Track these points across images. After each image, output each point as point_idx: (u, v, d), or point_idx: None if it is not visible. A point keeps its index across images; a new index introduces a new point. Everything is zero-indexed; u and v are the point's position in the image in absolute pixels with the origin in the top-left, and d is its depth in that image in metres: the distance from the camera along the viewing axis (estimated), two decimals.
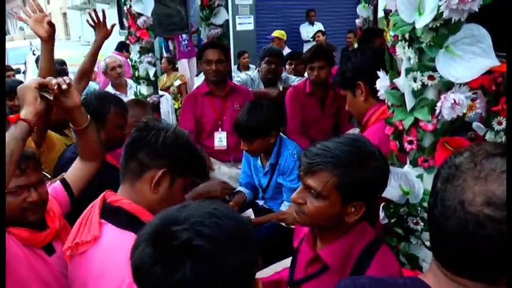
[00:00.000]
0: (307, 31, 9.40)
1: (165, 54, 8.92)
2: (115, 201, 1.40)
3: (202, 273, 0.79)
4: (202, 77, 3.87)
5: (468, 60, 1.29)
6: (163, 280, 0.80)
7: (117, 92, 4.34)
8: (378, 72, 1.62)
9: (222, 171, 3.26)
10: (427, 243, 1.52)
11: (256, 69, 4.36)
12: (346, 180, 1.30)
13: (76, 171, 1.85)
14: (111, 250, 1.30)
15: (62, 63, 5.49)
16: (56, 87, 1.49)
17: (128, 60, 5.23)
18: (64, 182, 1.81)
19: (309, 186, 1.36)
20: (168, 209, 0.90)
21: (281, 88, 3.90)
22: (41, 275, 1.59)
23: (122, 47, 7.31)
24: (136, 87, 3.70)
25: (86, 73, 2.89)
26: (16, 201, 1.55)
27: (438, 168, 0.91)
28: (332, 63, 3.49)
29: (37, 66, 5.97)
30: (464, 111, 1.35)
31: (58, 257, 1.66)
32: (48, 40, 2.38)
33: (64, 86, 1.50)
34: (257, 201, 2.89)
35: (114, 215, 1.38)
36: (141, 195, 1.40)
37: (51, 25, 2.36)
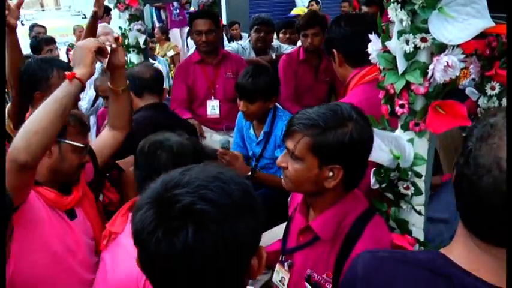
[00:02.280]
0: (302, 0, 9.25)
1: (157, 24, 8.77)
2: None
3: (205, 239, 0.76)
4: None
5: (462, 21, 1.26)
6: (165, 245, 0.76)
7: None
8: (354, 39, 1.85)
9: (214, 139, 3.25)
10: (417, 208, 1.52)
11: (248, 38, 4.32)
12: (319, 141, 1.33)
13: (103, 140, 1.89)
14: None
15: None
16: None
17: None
18: (90, 150, 1.80)
19: (287, 148, 1.40)
20: (170, 172, 0.86)
21: (273, 56, 3.87)
22: (62, 237, 1.61)
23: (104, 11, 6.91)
24: (126, 55, 3.64)
25: None
26: (78, 159, 1.65)
27: (470, 127, 0.87)
28: (324, 31, 3.47)
29: (29, 34, 5.85)
30: (457, 74, 1.32)
31: (79, 222, 1.70)
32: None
33: (114, 45, 1.56)
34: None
35: None
36: None
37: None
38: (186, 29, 6.21)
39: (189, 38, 5.97)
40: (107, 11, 6.39)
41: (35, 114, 1.36)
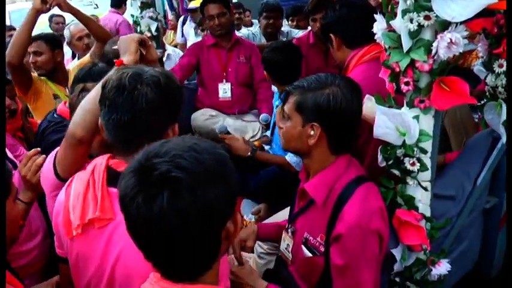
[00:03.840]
0: None
1: (169, 12, 8.76)
2: None
3: (179, 204, 0.83)
4: None
5: None
6: (144, 210, 0.84)
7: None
8: (350, 21, 1.96)
9: (227, 123, 3.29)
10: (423, 184, 1.55)
11: (258, 24, 4.35)
12: (301, 100, 1.51)
13: None
14: None
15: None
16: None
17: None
18: None
19: (283, 111, 1.57)
20: (152, 144, 0.93)
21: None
22: None
23: (120, 2, 6.65)
24: None
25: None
26: None
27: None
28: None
29: (50, 24, 5.92)
30: (461, 51, 1.34)
31: None
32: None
33: (149, 43, 1.65)
34: (265, 146, 2.94)
35: None
36: None
37: None
38: (181, 17, 6.25)
39: (184, 25, 6.02)
40: (123, 1, 6.43)
41: (90, 95, 1.45)
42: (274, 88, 3.10)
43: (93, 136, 1.46)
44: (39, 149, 1.84)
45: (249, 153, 2.57)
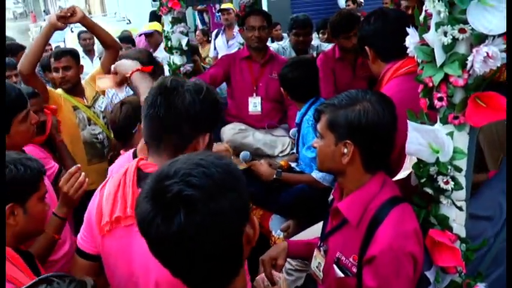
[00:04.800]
0: None
1: (200, 27, 8.90)
2: None
3: (196, 219, 0.86)
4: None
5: (502, 10, 1.23)
6: (163, 230, 0.88)
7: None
8: (385, 34, 1.94)
9: (256, 138, 3.28)
10: (458, 204, 1.49)
11: (287, 38, 4.36)
12: (332, 118, 1.51)
13: None
14: None
15: None
16: None
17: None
18: None
19: (317, 130, 1.57)
20: (161, 167, 0.97)
21: (314, 55, 3.88)
22: None
23: (155, 18, 6.81)
24: (169, 57, 3.74)
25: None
26: None
27: None
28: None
29: (79, 41, 6.24)
30: (498, 65, 1.29)
31: None
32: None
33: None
34: (291, 164, 2.91)
35: None
36: None
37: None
38: (215, 31, 6.35)
39: (216, 39, 6.10)
40: (158, 18, 6.61)
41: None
42: None
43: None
44: (79, 165, 1.91)
45: (275, 176, 2.61)
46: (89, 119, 3.27)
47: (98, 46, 4.13)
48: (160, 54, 4.72)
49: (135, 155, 1.81)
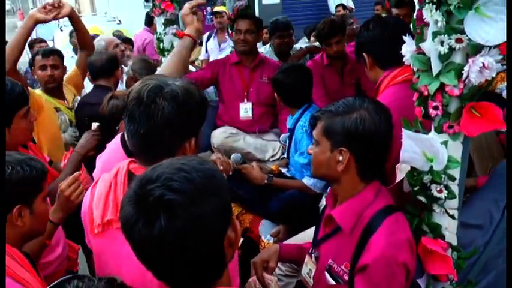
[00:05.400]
0: (334, 3, 9.20)
1: None
2: None
3: (177, 223, 0.88)
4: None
5: (499, 21, 1.24)
6: (145, 233, 0.89)
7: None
8: (383, 42, 1.92)
9: (247, 142, 3.28)
10: (451, 212, 1.50)
11: (269, 44, 4.35)
12: (328, 124, 1.50)
13: None
14: None
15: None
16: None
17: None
18: None
19: (313, 137, 1.57)
20: (144, 171, 0.98)
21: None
22: None
23: (151, 21, 6.79)
24: (161, 59, 3.72)
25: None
26: None
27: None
28: (344, 35, 3.58)
29: (70, 39, 6.15)
30: (494, 75, 1.30)
31: None
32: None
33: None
34: (282, 169, 2.91)
35: None
36: None
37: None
38: (207, 34, 6.34)
39: (208, 42, 6.09)
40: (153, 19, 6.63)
41: (167, 63, 2.02)
42: None
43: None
44: (81, 171, 1.94)
45: (266, 181, 2.62)
46: (71, 121, 3.22)
47: None
48: None
49: (123, 141, 1.73)
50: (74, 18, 3.14)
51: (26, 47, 3.25)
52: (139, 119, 1.28)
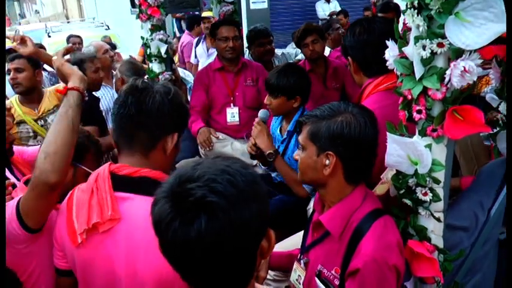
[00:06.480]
0: (323, 9, 9.26)
1: (178, 34, 8.87)
2: (134, 172, 1.38)
3: (216, 226, 0.84)
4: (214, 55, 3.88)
5: (479, 26, 1.26)
6: (181, 234, 0.85)
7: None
8: (367, 50, 1.90)
9: (235, 148, 3.28)
10: (436, 215, 1.51)
11: (248, 52, 4.32)
12: (314, 129, 1.50)
13: None
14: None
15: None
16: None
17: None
18: None
19: (299, 141, 1.57)
20: (183, 167, 0.94)
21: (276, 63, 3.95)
22: None
23: (191, 24, 7.07)
24: (148, 64, 3.71)
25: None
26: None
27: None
28: (323, 37, 3.55)
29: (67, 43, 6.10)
30: (475, 79, 1.31)
31: None
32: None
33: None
34: (272, 173, 2.89)
35: (139, 185, 1.36)
36: (157, 162, 1.42)
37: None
38: (195, 39, 6.36)
39: (197, 47, 6.10)
40: (197, 21, 6.66)
41: (49, 136, 1.45)
42: None
43: (64, 178, 1.46)
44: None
45: (271, 152, 2.46)
46: (36, 132, 3.10)
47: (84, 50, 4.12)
48: None
49: None
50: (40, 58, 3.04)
51: None
52: (131, 103, 1.38)
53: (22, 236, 1.46)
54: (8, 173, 2.13)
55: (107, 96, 3.98)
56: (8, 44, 3.13)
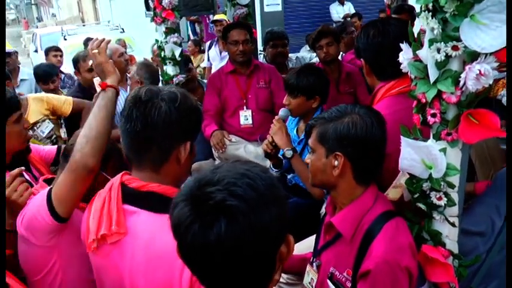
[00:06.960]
0: (337, 11, 9.24)
1: (192, 37, 8.93)
2: (142, 186, 1.35)
3: (236, 230, 0.84)
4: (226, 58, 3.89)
5: (495, 28, 1.24)
6: (200, 237, 0.84)
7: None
8: (380, 53, 1.86)
9: (248, 151, 3.28)
10: (451, 219, 1.49)
11: (262, 54, 4.34)
12: (322, 131, 1.52)
13: None
14: (155, 236, 1.27)
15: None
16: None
17: None
18: None
19: (309, 145, 1.59)
20: (202, 171, 0.94)
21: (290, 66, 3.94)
22: None
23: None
24: (163, 67, 3.74)
25: None
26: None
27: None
28: (338, 40, 3.53)
29: (84, 48, 6.15)
30: (490, 83, 1.30)
31: None
32: None
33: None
34: (287, 175, 2.87)
35: (146, 200, 1.34)
36: (169, 175, 1.37)
37: None
38: (208, 42, 6.37)
39: (210, 50, 6.11)
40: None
41: (91, 123, 1.51)
42: None
43: (99, 165, 1.51)
44: (23, 167, 1.76)
45: (289, 150, 2.41)
46: None
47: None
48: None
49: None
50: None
51: (42, 53, 3.20)
52: (136, 117, 1.31)
53: (50, 226, 1.47)
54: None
55: (121, 100, 4.01)
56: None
